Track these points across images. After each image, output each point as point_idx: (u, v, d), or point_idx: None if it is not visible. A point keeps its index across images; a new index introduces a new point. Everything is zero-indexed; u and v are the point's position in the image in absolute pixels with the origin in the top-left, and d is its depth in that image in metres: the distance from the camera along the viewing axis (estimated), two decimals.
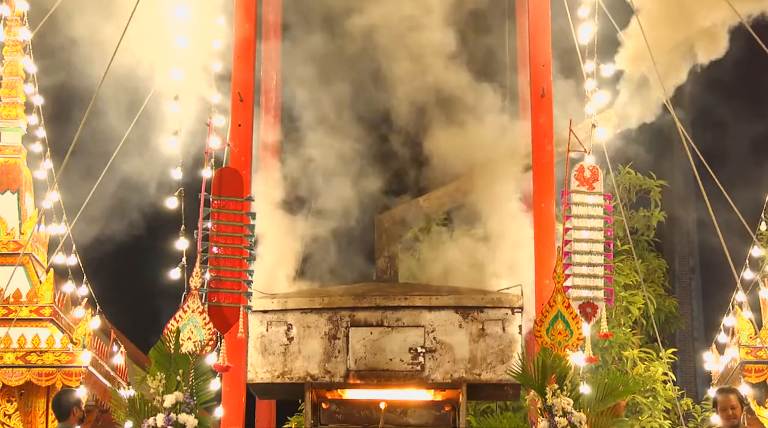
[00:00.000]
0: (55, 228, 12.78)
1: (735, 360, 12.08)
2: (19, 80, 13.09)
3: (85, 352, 11.86)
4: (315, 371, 10.36)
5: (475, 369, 10.28)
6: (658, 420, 15.22)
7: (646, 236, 17.48)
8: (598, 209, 9.86)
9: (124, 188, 13.41)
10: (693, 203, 22.99)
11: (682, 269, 23.07)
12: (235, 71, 11.18)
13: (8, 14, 12.96)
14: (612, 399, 9.23)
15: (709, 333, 19.46)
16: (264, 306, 10.47)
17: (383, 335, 10.36)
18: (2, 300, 12.15)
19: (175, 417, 8.85)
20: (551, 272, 9.77)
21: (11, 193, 12.89)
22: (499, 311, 10.37)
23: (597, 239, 9.81)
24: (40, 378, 11.83)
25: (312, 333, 10.41)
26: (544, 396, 8.99)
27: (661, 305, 17.28)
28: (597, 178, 9.90)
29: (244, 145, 11.03)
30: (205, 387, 9.07)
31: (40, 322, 12.20)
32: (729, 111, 20.75)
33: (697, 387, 20.64)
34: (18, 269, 12.21)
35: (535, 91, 11.07)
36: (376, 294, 10.53)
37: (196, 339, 9.10)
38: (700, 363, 18.02)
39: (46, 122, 12.92)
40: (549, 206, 10.84)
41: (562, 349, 9.21)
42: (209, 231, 9.54)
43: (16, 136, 13.10)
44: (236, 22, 11.29)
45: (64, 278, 12.82)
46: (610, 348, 15.42)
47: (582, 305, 9.68)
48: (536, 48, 11.19)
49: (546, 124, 11.03)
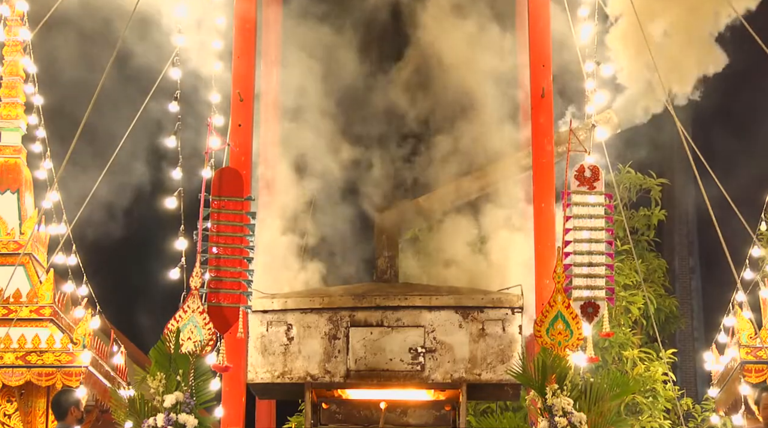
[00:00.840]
0: (55, 228, 12.78)
1: (735, 360, 12.07)
2: (19, 80, 13.08)
3: (85, 352, 11.85)
4: (315, 371, 10.36)
5: (475, 369, 10.28)
6: (658, 420, 15.22)
7: (646, 236, 17.48)
8: (599, 209, 9.86)
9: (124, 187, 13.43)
10: (693, 203, 23.00)
11: (682, 269, 23.06)
12: (235, 71, 11.18)
13: (8, 14, 12.96)
14: (612, 399, 9.24)
15: (709, 333, 19.46)
16: (264, 306, 10.47)
17: (383, 335, 10.36)
18: (2, 300, 12.15)
19: (175, 417, 8.85)
20: (551, 272, 9.76)
21: (11, 193, 12.88)
22: (499, 311, 10.37)
23: (598, 239, 9.81)
24: (40, 378, 11.82)
25: (312, 333, 10.41)
26: (544, 396, 8.99)
27: (661, 305, 17.28)
28: (598, 177, 9.90)
29: (244, 145, 11.03)
30: (205, 387, 9.07)
31: (40, 322, 12.19)
32: (730, 109, 20.75)
33: (697, 387, 20.63)
34: (18, 269, 12.20)
35: (535, 91, 11.07)
36: (376, 294, 10.53)
37: (196, 339, 9.10)
38: (700, 363, 18.04)
39: (47, 119, 12.91)
40: (549, 206, 10.85)
41: (562, 349, 9.21)
42: (209, 231, 9.54)
43: (16, 136, 13.09)
44: (236, 21, 11.30)
45: (64, 278, 12.82)
46: (610, 348, 15.42)
47: (583, 306, 9.68)
48: (536, 48, 11.19)
49: (546, 124, 11.03)
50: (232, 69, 11.16)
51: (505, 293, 10.52)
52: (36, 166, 13.06)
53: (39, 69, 12.74)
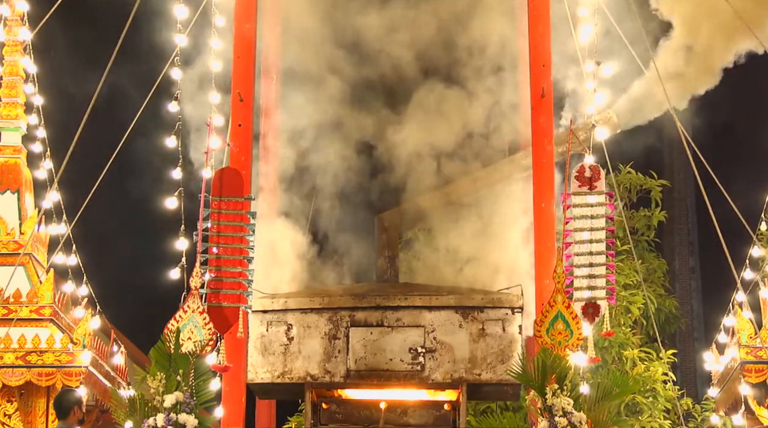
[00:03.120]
0: (55, 228, 12.78)
1: (735, 360, 12.08)
2: (19, 80, 13.09)
3: (85, 352, 11.86)
4: (315, 371, 10.36)
5: (475, 369, 10.28)
6: (658, 420, 15.22)
7: (646, 236, 17.47)
8: (599, 209, 9.85)
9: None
10: (693, 203, 23.00)
11: (682, 269, 23.07)
12: (235, 71, 11.17)
13: (8, 14, 12.96)
14: (612, 399, 9.24)
15: (709, 333, 19.47)
16: (264, 306, 10.47)
17: (383, 335, 10.36)
18: (2, 300, 12.15)
19: (175, 417, 8.85)
20: (551, 272, 9.76)
21: (11, 193, 12.90)
22: (499, 311, 10.37)
23: (598, 239, 9.81)
24: (40, 378, 11.83)
25: (312, 333, 10.41)
26: (544, 396, 8.99)
27: (661, 305, 17.28)
28: (598, 177, 9.89)
29: (244, 145, 11.03)
30: (205, 387, 9.07)
31: (40, 322, 12.19)
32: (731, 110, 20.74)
33: (697, 387, 20.62)
34: (18, 269, 12.21)
35: (535, 91, 11.06)
36: (376, 294, 10.53)
37: (196, 339, 9.10)
38: (700, 363, 18.02)
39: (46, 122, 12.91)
40: (549, 206, 10.84)
41: (562, 349, 9.21)
42: (209, 232, 9.54)
43: (16, 136, 13.11)
44: (236, 22, 11.29)
45: (64, 278, 12.82)
46: (610, 348, 15.42)
47: (584, 306, 9.67)
48: (536, 48, 11.19)
49: (546, 124, 11.03)
50: (232, 69, 11.16)
51: (505, 293, 10.52)
52: (36, 166, 13.07)
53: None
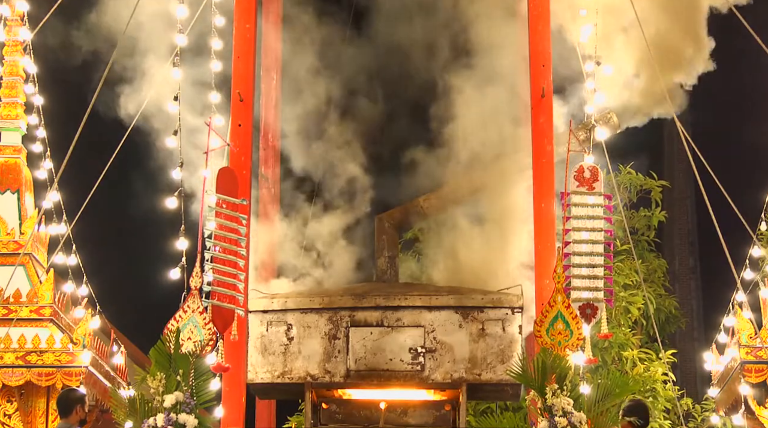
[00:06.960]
0: (55, 228, 12.78)
1: (735, 360, 12.08)
2: (19, 80, 13.09)
3: (85, 352, 11.86)
4: (315, 371, 10.36)
5: (475, 369, 10.28)
6: (658, 420, 15.22)
7: (646, 236, 17.47)
8: (598, 210, 9.85)
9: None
10: (693, 203, 22.99)
11: (682, 269, 23.06)
12: (235, 71, 11.17)
13: (8, 14, 12.96)
14: (612, 399, 9.24)
15: (709, 333, 19.43)
16: (264, 306, 10.47)
17: (383, 335, 10.36)
18: (2, 300, 12.15)
19: (175, 417, 8.85)
20: (551, 272, 9.76)
21: (11, 193, 12.89)
22: (499, 311, 10.38)
23: (597, 240, 9.80)
24: (40, 378, 11.82)
25: (312, 333, 10.41)
26: (544, 396, 8.99)
27: (661, 305, 17.27)
28: (597, 178, 9.89)
29: (244, 145, 11.03)
30: (205, 387, 9.07)
31: (40, 322, 12.19)
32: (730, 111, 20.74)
33: (697, 387, 20.59)
34: (18, 269, 12.21)
35: (535, 91, 11.07)
36: (376, 294, 10.53)
37: (196, 339, 9.10)
38: (700, 363, 17.99)
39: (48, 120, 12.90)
40: (549, 206, 10.84)
41: (562, 349, 9.21)
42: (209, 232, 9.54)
43: (16, 136, 13.10)
44: (236, 22, 11.29)
45: (64, 278, 12.82)
46: (610, 349, 15.42)
47: (582, 307, 9.67)
48: (536, 48, 11.19)
49: (546, 124, 11.03)
50: (232, 69, 11.16)
51: (505, 293, 10.53)
52: (36, 166, 13.07)
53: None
